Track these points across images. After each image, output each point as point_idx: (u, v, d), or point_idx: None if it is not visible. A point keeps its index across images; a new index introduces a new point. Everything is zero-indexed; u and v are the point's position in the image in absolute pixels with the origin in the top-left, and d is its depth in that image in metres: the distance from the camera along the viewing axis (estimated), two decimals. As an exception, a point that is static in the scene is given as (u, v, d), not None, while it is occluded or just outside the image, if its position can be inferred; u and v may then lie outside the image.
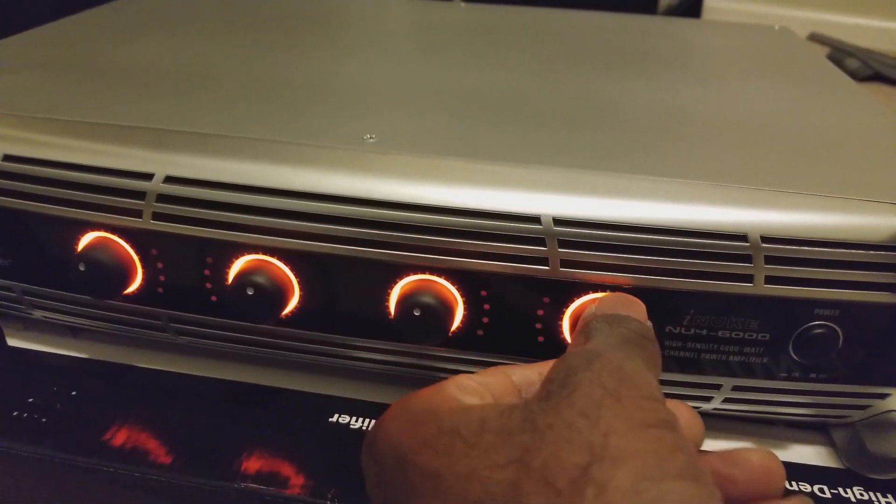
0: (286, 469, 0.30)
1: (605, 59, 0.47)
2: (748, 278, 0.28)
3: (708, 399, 0.31)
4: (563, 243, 0.28)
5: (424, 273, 0.29)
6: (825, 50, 0.57)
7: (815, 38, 0.60)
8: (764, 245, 0.27)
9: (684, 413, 0.24)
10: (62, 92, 0.36)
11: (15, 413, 0.32)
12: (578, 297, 0.29)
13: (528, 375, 0.24)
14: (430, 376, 0.32)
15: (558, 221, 0.28)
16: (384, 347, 0.31)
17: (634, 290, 0.28)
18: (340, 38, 0.50)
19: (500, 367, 0.24)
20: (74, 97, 0.36)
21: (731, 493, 0.22)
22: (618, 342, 0.23)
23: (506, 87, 0.40)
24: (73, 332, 0.37)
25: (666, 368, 0.30)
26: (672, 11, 1.05)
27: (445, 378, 0.23)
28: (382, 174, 0.29)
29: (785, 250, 0.27)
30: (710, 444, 0.32)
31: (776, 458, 0.23)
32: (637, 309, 0.26)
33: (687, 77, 0.44)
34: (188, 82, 0.38)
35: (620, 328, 0.24)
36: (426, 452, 0.20)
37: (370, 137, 0.32)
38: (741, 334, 0.29)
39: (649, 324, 0.25)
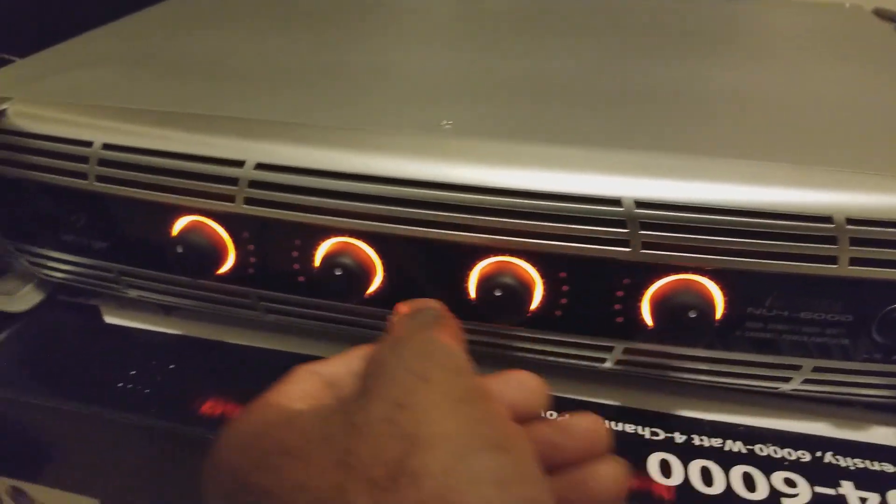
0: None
1: (672, 40, 0.46)
2: (832, 260, 0.28)
3: (787, 380, 0.31)
4: (645, 225, 0.28)
5: (505, 255, 0.30)
6: (891, 25, 0.55)
7: (880, 13, 0.57)
8: (849, 227, 0.27)
9: (530, 381, 0.24)
10: (146, 84, 0.38)
11: (120, 384, 0.34)
12: (659, 279, 0.29)
13: (336, 373, 0.24)
14: (507, 355, 0.33)
15: (640, 204, 0.28)
16: (465, 327, 0.32)
17: (716, 272, 0.28)
18: (397, 29, 0.50)
19: (307, 368, 0.24)
20: (159, 89, 0.37)
21: (558, 458, 0.22)
22: (419, 325, 0.24)
23: (574, 70, 0.40)
24: (166, 311, 0.39)
25: (745, 349, 0.30)
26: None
27: (519, 357, 0.23)
28: (463, 159, 0.30)
29: (870, 232, 0.27)
30: (786, 426, 0.32)
31: (601, 422, 0.23)
32: (433, 302, 0.27)
33: (760, 57, 0.43)
34: (262, 73, 0.40)
35: (419, 316, 0.25)
36: (257, 473, 0.20)
37: (447, 123, 0.33)
38: (824, 316, 0.29)
39: (441, 304, 0.26)
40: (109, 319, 0.39)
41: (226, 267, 0.33)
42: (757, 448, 0.31)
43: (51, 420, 0.34)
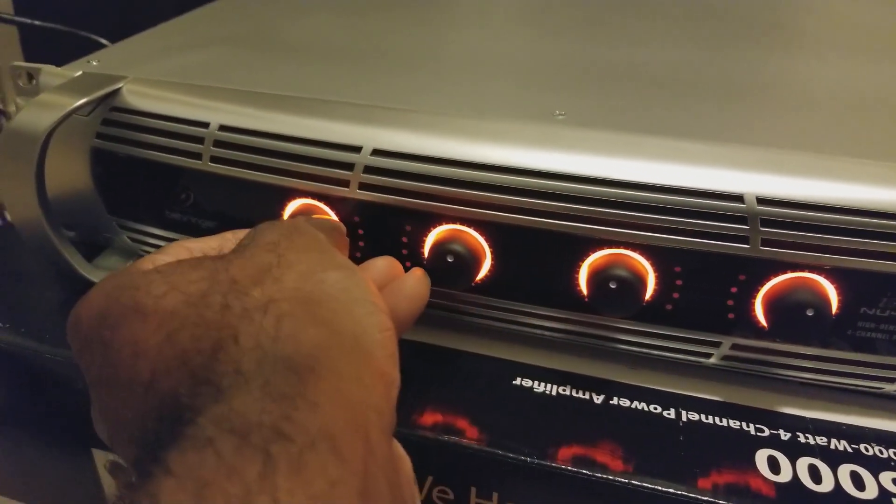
0: (477, 426, 0.32)
1: (766, 34, 0.46)
2: (958, 263, 0.27)
3: (893, 381, 0.31)
4: (766, 222, 0.28)
5: (618, 247, 0.30)
6: None
7: None
8: (976, 230, 0.27)
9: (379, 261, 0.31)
10: (255, 66, 0.39)
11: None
12: (775, 276, 0.29)
13: (208, 247, 0.27)
14: (613, 349, 0.33)
15: (762, 201, 0.28)
16: (571, 318, 0.33)
17: (832, 271, 0.28)
18: (493, 16, 0.51)
19: (179, 242, 0.27)
20: (268, 71, 0.38)
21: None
22: (305, 219, 0.28)
23: (676, 60, 0.40)
24: (263, 291, 0.40)
25: (853, 349, 0.30)
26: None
27: (623, 350, 0.26)
28: (580, 149, 0.30)
29: None
30: (891, 426, 0.32)
31: (394, 259, 0.31)
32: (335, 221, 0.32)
33: (863, 52, 0.43)
34: (370, 56, 0.40)
35: (317, 219, 0.30)
36: (126, 293, 0.21)
37: (560, 114, 0.33)
38: (942, 319, 0.29)
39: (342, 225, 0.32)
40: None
41: (334, 250, 0.34)
42: (862, 447, 0.31)
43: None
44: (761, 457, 0.30)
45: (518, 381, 0.34)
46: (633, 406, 0.32)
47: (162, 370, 0.19)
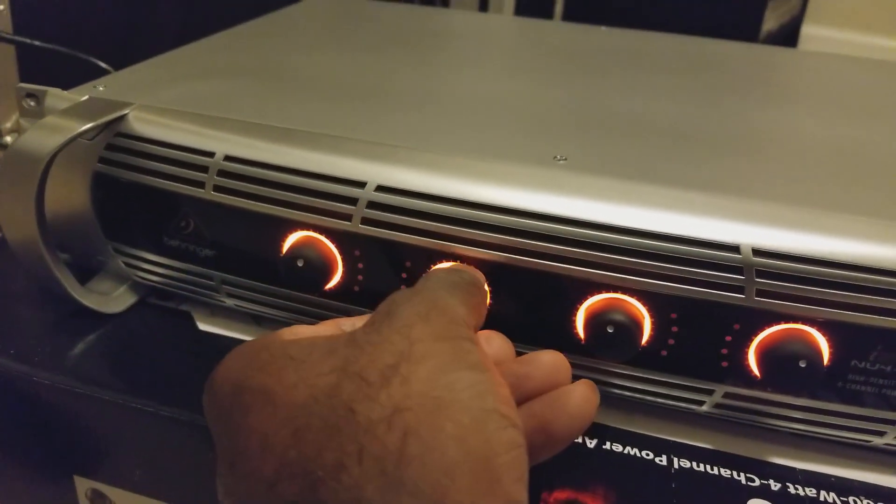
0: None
1: (758, 90, 0.48)
2: (945, 320, 0.28)
3: (881, 434, 0.32)
4: (761, 273, 0.29)
5: (616, 292, 0.31)
6: None
7: None
8: (963, 289, 0.28)
9: (496, 338, 0.29)
10: (261, 98, 0.39)
11: (216, 392, 0.34)
12: (769, 326, 0.30)
13: (356, 323, 0.27)
14: (608, 393, 0.33)
15: (758, 252, 0.29)
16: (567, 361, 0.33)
17: (825, 323, 0.29)
18: (498, 61, 0.52)
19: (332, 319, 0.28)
20: (273, 104, 0.39)
21: (529, 386, 0.27)
22: (447, 284, 0.26)
23: (672, 115, 0.41)
24: (257, 321, 0.40)
25: (843, 401, 0.31)
26: (771, 37, 1.05)
27: (617, 395, 0.26)
28: (581, 194, 0.31)
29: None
30: (877, 479, 0.32)
31: (562, 356, 0.28)
32: (476, 272, 0.30)
33: (846, 113, 0.44)
34: (373, 94, 0.41)
35: (455, 275, 0.28)
36: (259, 376, 0.22)
37: (561, 158, 0.34)
38: (930, 374, 0.29)
39: (482, 276, 0.30)
40: (203, 327, 0.39)
41: (333, 282, 0.34)
42: (851, 500, 0.31)
43: (134, 422, 0.34)
44: (753, 507, 0.30)
45: (511, 422, 0.34)
46: (625, 451, 0.32)
47: (286, 474, 0.20)
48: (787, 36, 1.13)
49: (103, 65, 0.55)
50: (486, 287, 0.30)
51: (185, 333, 0.39)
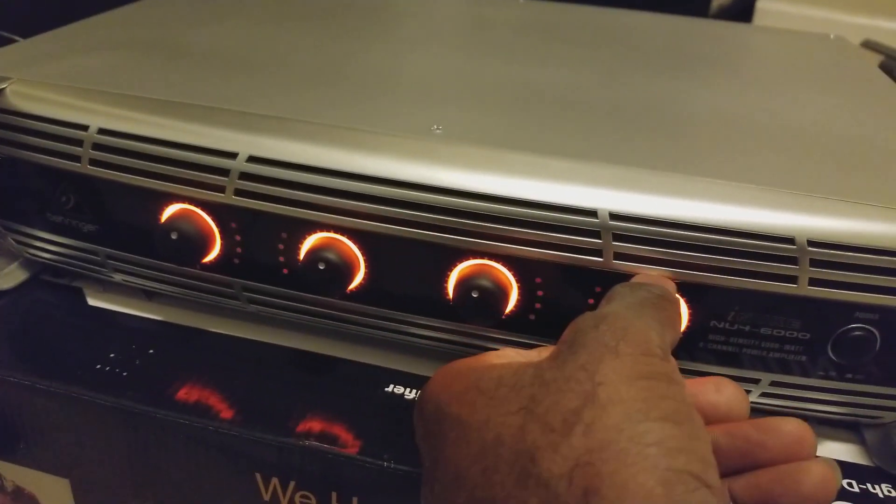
0: (343, 432, 0.32)
1: (662, 62, 0.48)
2: (793, 280, 0.29)
3: (746, 393, 0.33)
4: (618, 237, 0.30)
5: (483, 258, 0.31)
6: (879, 58, 0.58)
7: (869, 45, 0.60)
8: (810, 248, 0.29)
9: (728, 388, 0.26)
10: (147, 72, 0.39)
11: (98, 366, 0.35)
12: (628, 289, 0.30)
13: (542, 353, 0.26)
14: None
15: (614, 216, 0.30)
16: (440, 326, 0.34)
17: (682, 285, 0.30)
18: (404, 32, 0.52)
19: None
20: (159, 77, 0.38)
21: (762, 456, 0.24)
22: (633, 303, 0.25)
23: (565, 85, 0.41)
24: (148, 296, 0.40)
25: (706, 362, 0.32)
26: (724, 11, 1.05)
27: None
28: (449, 163, 0.31)
29: (830, 255, 0.29)
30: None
31: (808, 427, 0.24)
32: (665, 282, 0.29)
33: (742, 83, 0.45)
34: (264, 67, 0.41)
35: (641, 291, 0.26)
36: (455, 404, 0.23)
37: (437, 128, 0.34)
38: (782, 332, 0.30)
39: (672, 286, 0.28)
40: (92, 302, 0.39)
41: (211, 256, 0.34)
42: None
43: (26, 398, 0.34)
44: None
45: (390, 388, 0.34)
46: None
47: None
48: (744, 10, 1.13)
49: (16, 38, 0.54)
50: (678, 296, 0.29)
51: (75, 309, 0.38)
